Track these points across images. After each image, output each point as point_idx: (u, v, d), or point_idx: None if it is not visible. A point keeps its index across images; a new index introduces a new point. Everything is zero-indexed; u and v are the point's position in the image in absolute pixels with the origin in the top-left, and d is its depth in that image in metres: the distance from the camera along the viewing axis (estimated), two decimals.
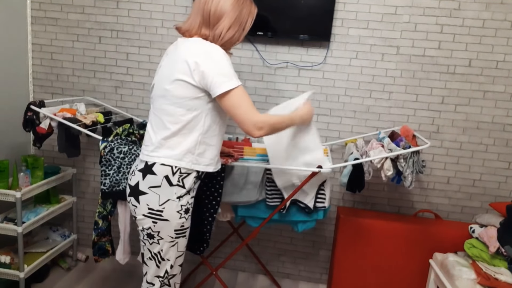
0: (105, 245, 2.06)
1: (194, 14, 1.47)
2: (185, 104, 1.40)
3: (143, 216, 1.44)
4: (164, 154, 1.43)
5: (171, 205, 1.43)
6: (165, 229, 1.45)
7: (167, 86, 1.40)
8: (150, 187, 1.43)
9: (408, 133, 2.07)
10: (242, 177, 1.90)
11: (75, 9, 2.42)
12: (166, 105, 1.42)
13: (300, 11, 2.18)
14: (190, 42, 1.41)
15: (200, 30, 1.45)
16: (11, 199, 2.02)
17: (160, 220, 1.43)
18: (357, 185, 1.91)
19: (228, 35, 1.45)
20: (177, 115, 1.41)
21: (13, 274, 2.07)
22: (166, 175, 1.43)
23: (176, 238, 1.48)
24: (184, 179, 1.46)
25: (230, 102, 1.37)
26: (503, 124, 2.25)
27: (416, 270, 2.21)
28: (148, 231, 1.46)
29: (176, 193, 1.44)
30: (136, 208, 1.46)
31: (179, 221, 1.46)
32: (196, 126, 1.43)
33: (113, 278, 2.45)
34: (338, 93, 2.33)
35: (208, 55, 1.36)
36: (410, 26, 2.21)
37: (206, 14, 1.44)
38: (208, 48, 1.39)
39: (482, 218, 2.05)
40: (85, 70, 2.50)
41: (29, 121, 2.01)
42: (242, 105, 1.37)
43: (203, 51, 1.37)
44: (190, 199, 1.50)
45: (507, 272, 1.82)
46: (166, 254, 1.48)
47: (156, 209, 1.43)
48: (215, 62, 1.36)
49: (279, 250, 2.59)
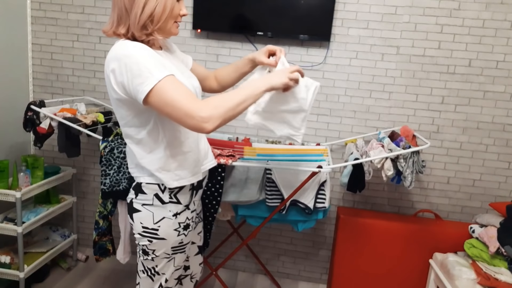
0: (106, 244, 2.06)
1: (111, 11, 1.23)
2: (133, 122, 1.22)
3: (138, 235, 1.32)
4: (143, 174, 1.29)
5: (167, 223, 1.30)
6: (162, 247, 1.33)
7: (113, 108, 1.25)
8: (144, 205, 1.30)
9: (408, 133, 2.07)
10: (242, 177, 1.90)
11: (75, 9, 2.42)
12: (122, 127, 1.27)
13: (300, 11, 2.18)
14: (109, 52, 1.18)
15: (117, 28, 1.21)
16: (11, 199, 2.02)
17: (156, 238, 1.31)
18: (357, 185, 1.91)
19: (145, 13, 1.17)
20: (132, 135, 1.25)
21: (13, 274, 2.07)
22: (156, 193, 1.29)
23: (173, 254, 1.36)
24: (177, 195, 1.32)
25: (157, 102, 1.11)
26: (503, 124, 2.26)
27: (416, 270, 2.21)
28: (143, 247, 1.34)
29: (171, 210, 1.31)
30: (133, 226, 1.34)
31: (177, 238, 1.34)
32: (156, 141, 1.25)
33: (113, 278, 2.45)
34: (338, 93, 2.33)
35: (119, 59, 1.12)
36: (410, 26, 2.21)
37: (121, 4, 1.19)
38: (118, 50, 1.14)
39: (482, 218, 2.05)
40: (85, 70, 2.50)
41: (30, 121, 2.01)
42: (173, 100, 1.09)
43: (113, 57, 1.14)
44: (191, 213, 1.38)
45: (507, 272, 1.82)
46: (162, 270, 1.38)
47: (151, 227, 1.30)
48: (125, 64, 1.11)
49: (279, 250, 2.59)
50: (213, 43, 2.35)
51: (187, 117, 1.09)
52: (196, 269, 1.63)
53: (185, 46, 2.36)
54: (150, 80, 1.09)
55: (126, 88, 1.13)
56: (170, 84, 1.10)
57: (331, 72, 2.31)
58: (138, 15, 1.17)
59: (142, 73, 1.09)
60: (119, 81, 1.13)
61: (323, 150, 2.15)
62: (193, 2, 2.27)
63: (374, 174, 2.21)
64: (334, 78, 2.32)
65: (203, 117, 1.08)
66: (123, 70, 1.11)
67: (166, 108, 1.10)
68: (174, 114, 1.10)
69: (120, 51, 1.13)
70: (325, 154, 2.10)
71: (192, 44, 2.36)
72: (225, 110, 1.11)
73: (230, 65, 1.54)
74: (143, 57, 1.11)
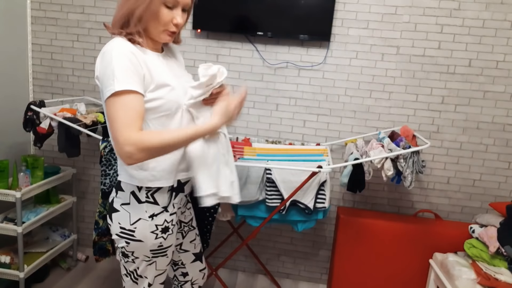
0: (106, 244, 2.06)
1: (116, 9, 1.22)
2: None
3: (116, 236, 1.29)
4: (122, 172, 1.27)
5: (143, 225, 1.26)
6: (139, 250, 1.29)
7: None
8: (122, 204, 1.27)
9: (408, 133, 2.07)
10: (242, 177, 1.90)
11: (75, 9, 2.42)
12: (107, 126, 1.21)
13: (300, 11, 2.18)
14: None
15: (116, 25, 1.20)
16: (11, 199, 2.02)
17: (133, 240, 1.26)
18: (357, 185, 1.91)
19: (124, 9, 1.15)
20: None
21: (13, 274, 2.07)
22: (132, 191, 1.26)
23: (154, 257, 1.32)
24: (154, 195, 1.27)
25: (107, 110, 1.10)
26: (503, 124, 2.26)
27: (416, 270, 2.21)
28: (122, 250, 1.30)
29: (147, 211, 1.26)
30: (111, 227, 1.30)
31: (155, 241, 1.28)
32: None
33: (113, 278, 2.45)
34: (338, 93, 2.33)
35: (102, 53, 1.13)
36: (410, 26, 2.21)
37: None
38: (104, 48, 1.14)
39: (482, 218, 2.05)
40: (85, 70, 2.50)
41: (30, 121, 2.01)
42: (114, 118, 1.08)
43: (101, 51, 1.14)
44: (170, 216, 1.31)
45: (507, 272, 1.82)
46: (143, 272, 1.33)
47: (127, 228, 1.26)
48: (104, 61, 1.11)
49: (279, 250, 2.59)
50: (213, 43, 2.35)
51: (115, 141, 1.09)
52: (196, 275, 1.61)
53: (185, 46, 2.36)
54: (111, 87, 1.07)
55: (100, 83, 1.13)
56: (121, 101, 1.07)
57: (331, 72, 2.31)
58: (118, 11, 1.16)
59: (109, 77, 1.08)
60: (96, 75, 1.15)
61: (323, 150, 2.15)
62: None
63: (374, 174, 2.21)
64: (334, 78, 2.32)
65: (125, 151, 1.06)
66: (100, 64, 1.12)
67: (108, 120, 1.11)
68: (110, 130, 1.10)
69: (105, 48, 1.13)
70: (325, 154, 2.10)
71: (192, 44, 2.37)
72: (150, 153, 1.09)
73: None
74: (118, 62, 1.09)
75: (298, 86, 2.35)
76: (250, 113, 2.42)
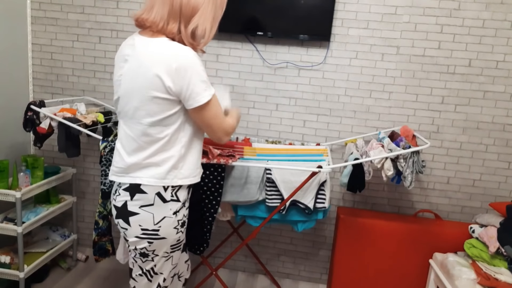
0: (106, 244, 2.06)
1: (159, 3, 1.22)
2: (161, 121, 1.24)
3: (136, 238, 1.31)
4: (146, 175, 1.28)
5: (168, 222, 1.31)
6: (162, 247, 1.34)
7: (137, 104, 1.23)
8: (142, 207, 1.29)
9: (408, 133, 2.07)
10: (242, 177, 1.90)
11: (75, 9, 2.42)
12: (139, 125, 1.26)
13: (300, 11, 2.18)
14: (156, 49, 1.20)
15: (167, 25, 1.22)
16: (11, 199, 2.02)
17: (157, 239, 1.31)
18: (357, 185, 1.91)
19: (211, 36, 1.30)
20: (153, 134, 1.26)
21: (13, 274, 2.07)
22: (158, 192, 1.29)
23: (172, 252, 1.38)
24: (177, 192, 1.34)
25: (208, 113, 1.27)
26: (503, 124, 2.26)
27: (416, 270, 2.21)
28: (142, 250, 1.33)
29: (172, 208, 1.32)
30: (127, 231, 1.31)
31: (176, 236, 1.36)
32: (176, 141, 1.29)
33: (113, 278, 2.45)
34: (338, 93, 2.33)
35: (182, 63, 1.18)
36: (410, 26, 2.21)
37: (177, 5, 1.21)
38: (181, 56, 1.19)
39: (482, 218, 2.05)
40: (85, 70, 2.50)
41: (30, 121, 2.01)
42: (218, 115, 1.31)
43: (174, 59, 1.18)
44: (185, 210, 1.39)
45: (507, 272, 1.82)
46: (160, 269, 1.39)
47: (151, 228, 1.30)
48: (190, 71, 1.19)
49: (279, 250, 2.59)
50: (213, 43, 2.35)
51: (221, 129, 1.33)
52: (182, 267, 1.62)
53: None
54: (208, 91, 1.23)
55: (182, 90, 1.20)
56: (216, 99, 1.29)
57: (331, 72, 2.31)
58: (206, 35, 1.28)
59: (203, 83, 1.22)
60: (176, 82, 1.19)
61: (323, 150, 2.15)
62: None
63: (374, 174, 2.21)
64: (334, 78, 2.32)
65: (228, 132, 1.37)
66: (185, 73, 1.19)
67: (210, 119, 1.28)
68: (215, 124, 1.30)
69: (182, 55, 1.19)
70: (325, 154, 2.10)
71: None
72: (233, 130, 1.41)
73: None
74: (203, 70, 1.23)
75: (298, 86, 2.35)
76: (250, 113, 2.42)
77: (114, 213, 1.35)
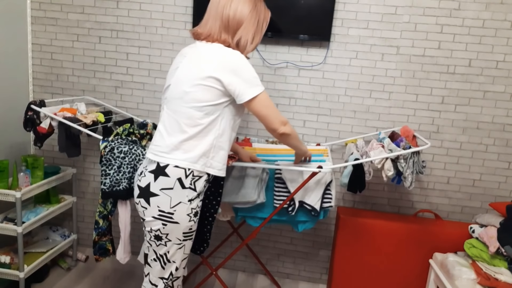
0: (106, 244, 2.06)
1: (212, 19, 1.47)
2: (205, 108, 1.41)
3: (152, 218, 1.44)
4: (179, 157, 1.42)
5: (182, 208, 1.43)
6: (174, 232, 1.45)
7: (187, 89, 1.41)
8: (162, 189, 1.42)
9: (408, 134, 2.07)
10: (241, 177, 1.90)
11: (75, 9, 2.42)
12: (184, 108, 1.42)
13: (300, 11, 2.18)
14: (213, 48, 1.43)
15: (220, 35, 1.46)
16: (11, 199, 2.02)
17: (170, 222, 1.43)
18: (358, 185, 1.91)
19: (253, 45, 1.51)
20: (195, 118, 1.41)
21: (13, 274, 2.07)
22: (179, 177, 1.42)
23: (184, 240, 1.49)
24: (196, 182, 1.46)
25: (259, 104, 1.44)
26: (503, 124, 2.26)
27: (416, 270, 2.21)
28: (157, 232, 1.45)
29: (188, 196, 1.44)
30: (146, 210, 1.45)
31: (188, 224, 1.46)
32: (212, 130, 1.44)
33: (113, 278, 2.45)
34: (338, 93, 2.33)
35: (235, 63, 1.40)
36: (410, 26, 2.21)
37: (225, 19, 1.45)
38: (233, 56, 1.41)
39: (482, 218, 2.05)
40: (85, 70, 2.50)
41: (30, 120, 2.01)
42: (270, 106, 1.47)
43: (229, 59, 1.40)
44: (199, 202, 1.50)
45: (507, 272, 1.82)
46: (173, 256, 1.49)
47: (167, 211, 1.42)
48: (241, 70, 1.40)
49: (279, 250, 2.59)
50: None
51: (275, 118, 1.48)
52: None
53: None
54: (258, 87, 1.42)
55: (233, 85, 1.39)
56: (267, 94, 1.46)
57: (331, 72, 2.31)
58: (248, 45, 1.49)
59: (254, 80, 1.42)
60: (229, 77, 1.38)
61: (323, 150, 2.15)
62: (193, 2, 2.27)
63: (374, 174, 2.21)
64: (334, 78, 2.32)
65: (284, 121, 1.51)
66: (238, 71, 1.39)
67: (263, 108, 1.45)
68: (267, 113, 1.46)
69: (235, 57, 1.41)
70: (325, 154, 2.10)
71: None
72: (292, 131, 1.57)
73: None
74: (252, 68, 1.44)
75: (298, 86, 2.35)
76: (250, 113, 2.42)
77: (136, 193, 1.48)
